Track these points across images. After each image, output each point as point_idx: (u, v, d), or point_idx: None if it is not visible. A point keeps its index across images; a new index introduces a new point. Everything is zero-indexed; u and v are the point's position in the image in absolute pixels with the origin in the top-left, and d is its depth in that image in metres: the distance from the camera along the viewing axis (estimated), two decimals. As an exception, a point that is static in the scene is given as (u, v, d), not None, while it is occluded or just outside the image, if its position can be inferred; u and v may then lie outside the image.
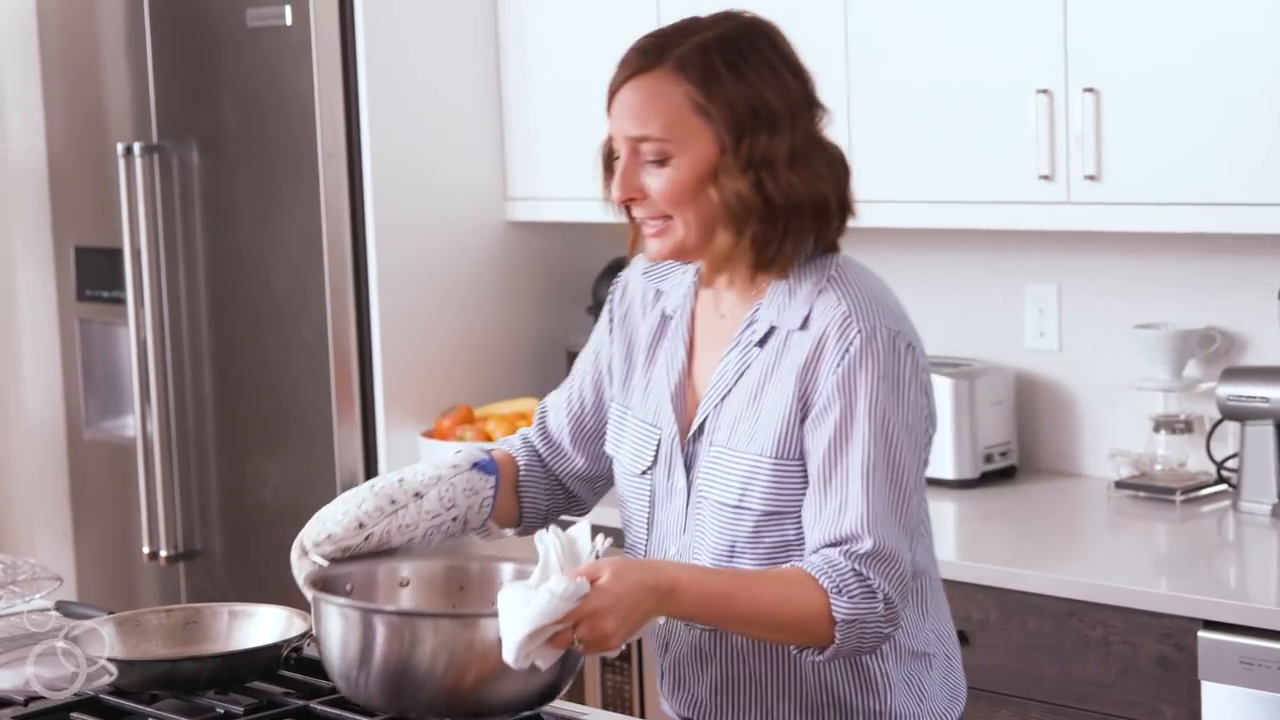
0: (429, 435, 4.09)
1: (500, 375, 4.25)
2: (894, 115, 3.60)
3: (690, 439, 2.26)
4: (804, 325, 2.18)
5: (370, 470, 4.12)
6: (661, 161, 2.17)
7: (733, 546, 2.21)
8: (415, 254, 4.13)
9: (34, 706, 2.22)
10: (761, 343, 2.21)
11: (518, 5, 4.19)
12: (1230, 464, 3.47)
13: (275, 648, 2.29)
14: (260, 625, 2.36)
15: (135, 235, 4.38)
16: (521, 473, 2.42)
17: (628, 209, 2.24)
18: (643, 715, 3.57)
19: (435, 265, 4.17)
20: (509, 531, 2.42)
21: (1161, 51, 3.25)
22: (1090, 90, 3.32)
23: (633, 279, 2.41)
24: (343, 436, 4.11)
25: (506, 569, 2.22)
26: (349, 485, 4.09)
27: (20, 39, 4.64)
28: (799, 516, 2.18)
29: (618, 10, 3.88)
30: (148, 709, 2.22)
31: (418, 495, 2.24)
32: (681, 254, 2.22)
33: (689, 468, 2.26)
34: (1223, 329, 3.57)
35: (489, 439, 3.94)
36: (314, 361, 4.12)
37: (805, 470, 2.17)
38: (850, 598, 2.08)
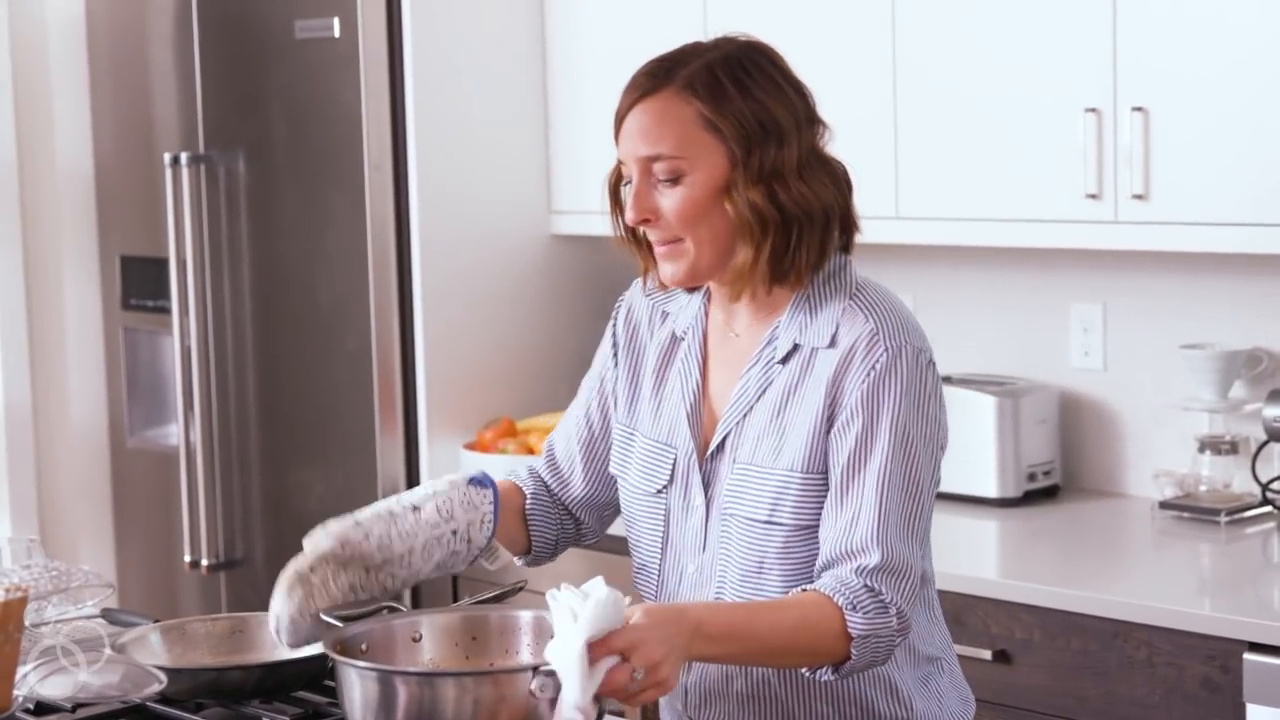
0: (471, 447, 4.09)
1: (543, 388, 4.26)
2: (942, 133, 3.59)
3: (709, 457, 2.28)
4: (831, 343, 2.20)
5: (412, 481, 4.12)
6: (675, 180, 2.20)
7: (761, 562, 2.22)
8: (460, 266, 4.14)
9: (81, 713, 2.23)
10: (785, 360, 2.24)
11: (564, 18, 4.20)
12: (1276, 486, 3.46)
13: (321, 658, 2.28)
14: (306, 635, 2.36)
15: (181, 245, 4.40)
16: (529, 502, 2.44)
17: (635, 235, 2.27)
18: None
19: (480, 277, 4.18)
20: (517, 560, 2.42)
21: (1211, 71, 3.24)
22: (1139, 109, 3.31)
23: (636, 300, 2.44)
24: (385, 447, 4.11)
25: (525, 616, 2.21)
26: (390, 496, 4.09)
27: (69, 49, 4.67)
28: None
29: (664, 23, 3.89)
30: (194, 717, 2.24)
31: (415, 508, 2.26)
32: (695, 277, 2.25)
33: (707, 485, 2.28)
34: (1270, 350, 3.56)
35: (531, 452, 3.94)
36: (357, 372, 4.13)
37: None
38: (865, 613, 2.11)
